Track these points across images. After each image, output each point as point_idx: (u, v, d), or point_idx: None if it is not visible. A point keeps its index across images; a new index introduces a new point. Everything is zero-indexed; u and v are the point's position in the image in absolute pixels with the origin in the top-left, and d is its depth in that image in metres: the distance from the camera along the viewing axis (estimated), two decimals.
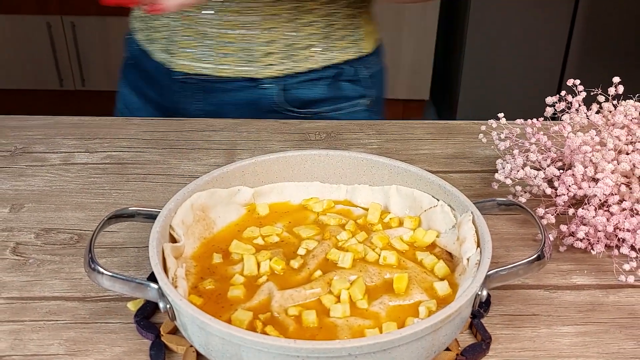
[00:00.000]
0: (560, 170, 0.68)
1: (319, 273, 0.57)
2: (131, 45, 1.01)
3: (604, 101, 0.71)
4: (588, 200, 0.65)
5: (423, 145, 0.87)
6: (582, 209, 0.64)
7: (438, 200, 0.63)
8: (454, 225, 0.60)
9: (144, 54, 0.98)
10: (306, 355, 0.46)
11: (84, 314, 0.59)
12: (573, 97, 0.71)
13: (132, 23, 1.00)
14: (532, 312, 0.60)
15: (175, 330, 0.56)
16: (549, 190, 0.68)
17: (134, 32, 0.99)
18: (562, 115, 0.72)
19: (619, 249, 0.64)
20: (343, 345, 0.46)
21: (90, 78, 2.63)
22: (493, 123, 0.75)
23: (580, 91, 0.71)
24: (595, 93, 0.70)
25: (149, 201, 0.74)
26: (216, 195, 0.63)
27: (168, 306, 0.51)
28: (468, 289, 0.50)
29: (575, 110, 0.71)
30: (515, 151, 0.72)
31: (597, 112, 0.71)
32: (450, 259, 0.60)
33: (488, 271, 0.52)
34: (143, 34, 0.97)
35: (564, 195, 0.66)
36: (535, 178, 0.68)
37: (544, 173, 0.68)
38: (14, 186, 0.76)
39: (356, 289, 0.54)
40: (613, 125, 0.69)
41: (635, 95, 0.71)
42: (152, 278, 0.53)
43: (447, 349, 0.55)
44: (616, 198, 0.64)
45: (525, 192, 0.71)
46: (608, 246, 0.66)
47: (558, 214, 0.68)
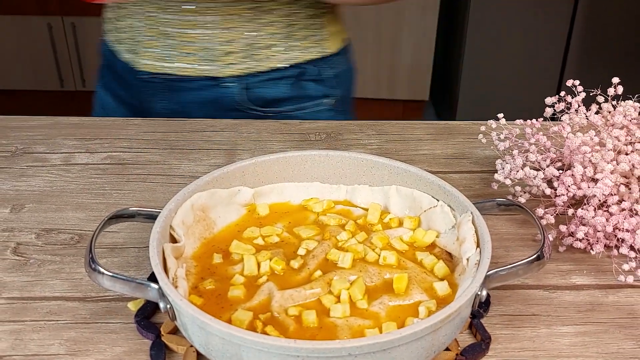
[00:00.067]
0: (560, 171, 0.69)
1: (319, 273, 0.57)
2: (104, 47, 1.02)
3: (604, 102, 0.71)
4: (587, 200, 0.65)
5: (423, 146, 0.87)
6: (582, 209, 0.65)
7: (438, 200, 0.63)
8: (454, 226, 0.61)
9: (113, 54, 0.99)
10: (306, 355, 0.46)
11: (84, 314, 0.59)
12: (572, 98, 0.72)
13: (104, 25, 1.02)
14: (532, 312, 0.60)
15: (175, 330, 0.57)
16: (548, 191, 0.68)
17: (105, 34, 1.01)
18: (562, 115, 0.72)
19: (618, 249, 0.65)
20: (343, 345, 0.46)
21: (90, 79, 2.63)
22: (492, 123, 0.75)
23: (580, 92, 0.71)
24: (594, 93, 0.70)
25: (149, 201, 0.75)
26: (216, 196, 0.63)
27: (168, 306, 0.51)
28: (468, 289, 0.51)
29: (575, 110, 0.71)
30: (515, 151, 0.72)
31: (597, 113, 0.71)
32: (450, 259, 0.60)
33: (488, 271, 0.52)
34: (112, 35, 0.99)
35: (564, 195, 0.66)
36: (534, 178, 0.68)
37: (544, 173, 0.68)
38: (15, 186, 0.77)
39: (356, 289, 0.55)
40: (612, 125, 0.69)
41: (634, 96, 0.71)
42: (153, 278, 0.54)
43: (447, 349, 0.55)
44: (615, 198, 0.64)
45: (525, 193, 0.72)
46: (607, 246, 0.66)
47: (557, 214, 0.68)
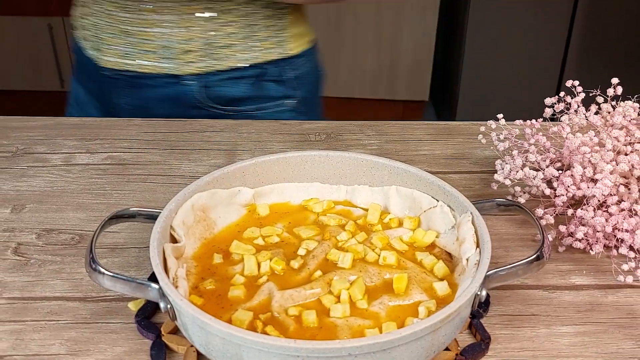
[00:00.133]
0: (559, 171, 0.69)
1: (319, 273, 0.57)
2: (73, 43, 1.04)
3: (603, 102, 0.71)
4: (587, 200, 0.65)
5: (422, 146, 0.87)
6: (581, 209, 0.65)
7: (437, 200, 0.63)
8: (454, 226, 0.61)
9: (81, 50, 1.01)
10: (306, 355, 0.46)
11: (85, 314, 0.59)
12: (572, 98, 0.72)
13: (73, 22, 1.03)
14: (531, 312, 0.60)
15: (175, 330, 0.57)
16: (548, 191, 0.68)
17: (74, 30, 1.03)
18: (561, 116, 0.72)
19: (617, 249, 0.65)
20: (343, 345, 0.46)
21: None
22: (492, 124, 0.75)
23: (579, 92, 0.71)
24: (594, 94, 0.70)
25: (149, 202, 0.75)
26: (217, 196, 0.63)
27: (169, 306, 0.51)
28: (467, 289, 0.51)
29: (574, 111, 0.72)
30: (515, 152, 0.72)
31: (596, 113, 0.72)
32: (449, 259, 0.60)
33: (487, 271, 0.53)
34: (78, 32, 1.00)
35: (563, 195, 0.66)
36: (534, 179, 0.68)
37: (543, 174, 0.68)
38: (16, 187, 0.77)
39: (356, 289, 0.55)
40: (612, 126, 0.69)
41: (634, 96, 0.71)
42: (153, 278, 0.54)
43: (447, 349, 0.55)
44: (615, 198, 0.64)
45: (525, 193, 0.72)
46: (607, 246, 0.66)
47: (557, 215, 0.69)
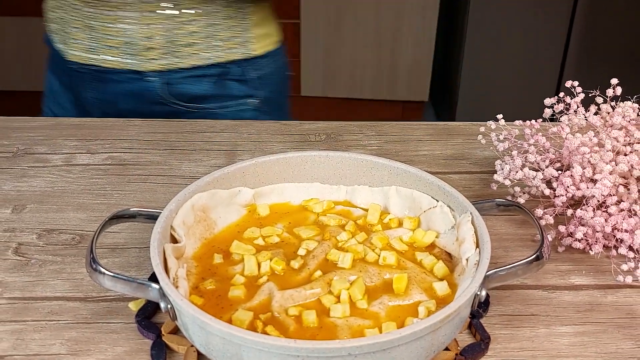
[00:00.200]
0: (559, 171, 0.69)
1: (319, 273, 0.57)
2: (45, 36, 1.05)
3: (602, 102, 0.71)
4: (586, 201, 0.65)
5: (422, 147, 0.87)
6: (581, 209, 0.65)
7: (437, 201, 0.63)
8: (453, 226, 0.61)
9: (51, 42, 1.02)
10: (306, 355, 0.46)
11: (85, 314, 0.59)
12: (571, 99, 0.72)
13: (44, 13, 1.04)
14: (531, 312, 0.60)
15: (176, 330, 0.57)
16: (547, 191, 0.68)
17: (45, 22, 1.04)
18: (561, 116, 0.72)
19: (617, 250, 0.65)
20: (343, 345, 0.46)
21: None
22: (492, 124, 0.75)
23: (579, 92, 0.72)
24: (593, 94, 0.71)
25: (150, 202, 0.75)
26: (217, 196, 0.63)
27: (169, 306, 0.52)
28: (467, 289, 0.51)
29: (574, 111, 0.72)
30: (514, 152, 0.72)
31: (596, 114, 0.72)
32: (449, 259, 0.60)
33: (487, 271, 0.53)
34: (48, 26, 1.01)
35: (563, 196, 0.66)
36: (533, 179, 0.68)
37: (543, 174, 0.68)
38: (16, 187, 0.77)
39: (356, 289, 0.55)
40: (611, 126, 0.69)
41: (633, 97, 0.71)
42: (153, 278, 0.54)
43: (447, 349, 0.55)
44: (614, 199, 0.64)
45: (524, 193, 0.72)
46: (606, 247, 0.66)
47: (557, 215, 0.69)
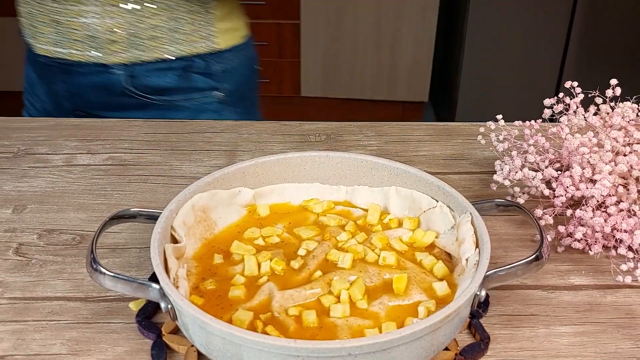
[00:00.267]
0: (558, 172, 0.69)
1: (319, 273, 0.57)
2: (20, 28, 1.06)
3: (602, 103, 0.71)
4: (586, 201, 0.65)
5: (422, 147, 0.87)
6: (580, 210, 0.65)
7: (437, 201, 0.64)
8: (453, 226, 0.61)
9: (23, 36, 1.03)
10: (306, 355, 0.46)
11: (86, 314, 0.59)
12: (571, 99, 0.72)
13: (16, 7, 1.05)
14: (531, 312, 0.60)
15: (176, 330, 0.57)
16: (547, 192, 0.68)
17: (18, 16, 1.05)
18: (560, 117, 0.72)
19: (616, 250, 0.65)
20: (343, 345, 0.46)
21: None
22: (492, 125, 0.76)
23: (578, 93, 0.72)
24: (593, 95, 0.71)
25: (150, 202, 0.75)
26: (217, 196, 0.63)
27: (169, 306, 0.52)
28: (467, 289, 0.51)
29: (573, 112, 0.72)
30: (514, 152, 0.72)
31: (595, 114, 0.72)
32: (449, 259, 0.60)
33: (487, 271, 0.53)
34: (20, 20, 1.03)
35: (562, 196, 0.66)
36: (533, 179, 0.68)
37: (542, 174, 0.68)
38: (17, 187, 0.77)
39: (356, 289, 0.55)
40: (610, 126, 0.70)
41: (632, 97, 0.72)
42: (154, 278, 0.54)
43: (446, 349, 0.55)
44: (614, 199, 0.64)
45: (524, 193, 0.72)
46: (606, 247, 0.67)
47: (556, 215, 0.69)
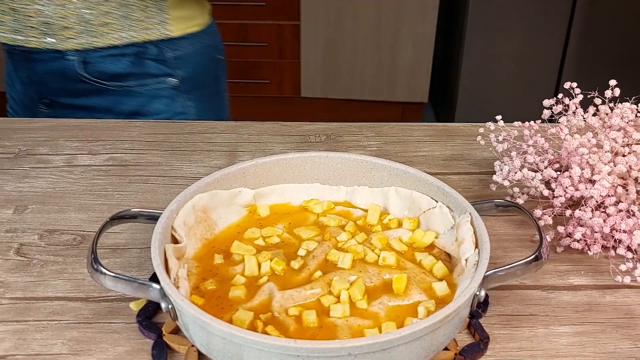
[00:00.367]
0: (558, 172, 0.69)
1: (319, 273, 0.57)
2: None
3: (601, 104, 0.72)
4: (585, 201, 0.66)
5: (422, 147, 0.87)
6: (579, 210, 0.65)
7: (437, 201, 0.64)
8: (453, 227, 0.61)
9: None
10: (306, 354, 0.46)
11: (86, 314, 0.59)
12: (570, 100, 0.72)
13: None
14: (530, 312, 0.61)
15: (177, 330, 0.57)
16: (546, 192, 0.68)
17: None
18: (560, 117, 0.73)
19: (615, 250, 0.65)
20: (343, 345, 0.46)
21: None
22: (491, 125, 0.76)
23: (577, 94, 0.72)
24: (592, 96, 0.71)
25: (151, 202, 0.75)
26: (217, 197, 0.64)
27: (170, 306, 0.52)
28: (466, 290, 0.51)
29: (572, 112, 0.72)
30: (513, 153, 0.72)
31: (594, 115, 0.72)
32: (448, 259, 0.60)
33: (486, 272, 0.53)
34: None
35: (561, 196, 0.67)
36: (532, 180, 0.69)
37: (542, 175, 0.68)
38: (18, 188, 0.77)
39: (356, 289, 0.55)
40: (610, 127, 0.70)
41: (631, 98, 0.72)
42: (154, 278, 0.54)
43: (446, 349, 0.55)
44: (613, 199, 0.65)
45: (523, 194, 0.72)
46: (605, 247, 0.67)
47: (555, 215, 0.69)
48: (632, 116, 0.69)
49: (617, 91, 0.70)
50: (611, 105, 0.72)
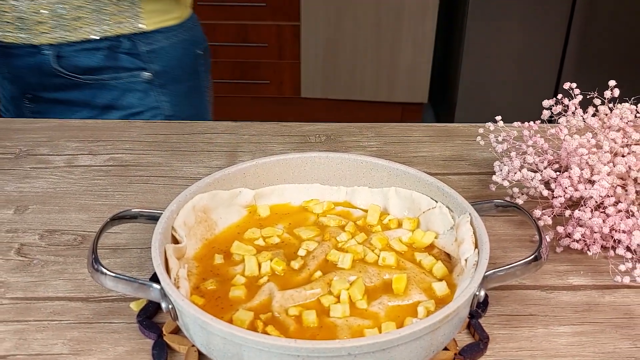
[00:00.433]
0: (557, 173, 0.69)
1: (319, 274, 0.57)
2: None
3: (600, 104, 0.72)
4: (584, 202, 0.66)
5: (422, 148, 0.87)
6: (579, 210, 0.65)
7: (436, 201, 0.64)
8: (452, 227, 0.61)
9: None
10: (306, 354, 0.46)
11: (87, 314, 0.60)
12: (569, 100, 0.72)
13: None
14: (529, 312, 0.61)
15: (177, 330, 0.57)
16: (545, 192, 0.68)
17: None
18: (559, 118, 0.73)
19: (614, 250, 0.65)
20: (342, 345, 0.46)
21: None
22: (491, 126, 0.76)
23: (577, 94, 0.72)
24: (591, 96, 0.71)
25: (151, 203, 0.75)
26: (218, 197, 0.64)
27: (170, 306, 0.52)
28: (466, 290, 0.51)
29: (572, 113, 0.72)
30: (513, 153, 0.73)
31: (593, 115, 0.72)
32: (448, 259, 0.60)
33: (486, 272, 0.53)
34: None
35: (561, 197, 0.67)
36: (532, 180, 0.69)
37: (541, 175, 0.69)
38: (19, 188, 0.77)
39: (356, 289, 0.55)
40: (609, 128, 0.70)
41: (631, 99, 0.72)
42: (155, 279, 0.54)
43: (446, 349, 0.56)
44: (612, 200, 0.65)
45: (523, 194, 0.72)
46: (604, 247, 0.67)
47: (555, 216, 0.69)
48: (632, 117, 0.69)
49: (617, 92, 0.71)
50: (610, 105, 0.72)
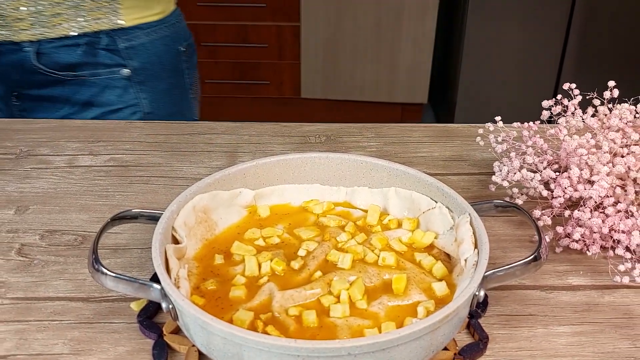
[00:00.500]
0: (557, 173, 0.69)
1: (319, 274, 0.57)
2: None
3: (600, 105, 0.72)
4: (584, 202, 0.66)
5: (421, 148, 0.87)
6: (578, 210, 0.65)
7: (436, 202, 0.64)
8: (452, 227, 0.61)
9: None
10: (306, 354, 0.46)
11: (87, 314, 0.60)
12: (569, 101, 0.72)
13: None
14: (529, 312, 0.61)
15: (177, 330, 0.57)
16: (545, 193, 0.68)
17: None
18: (558, 118, 0.73)
19: (614, 250, 0.65)
20: (342, 345, 0.46)
21: None
22: (490, 126, 0.76)
23: (576, 95, 0.72)
24: (590, 97, 0.71)
25: (151, 203, 0.75)
26: (218, 197, 0.64)
27: (170, 306, 0.52)
28: (466, 290, 0.51)
29: (571, 113, 0.72)
30: (512, 154, 0.73)
31: (593, 116, 0.72)
32: (448, 260, 0.61)
33: (485, 272, 0.53)
34: None
35: (560, 197, 0.67)
36: (531, 180, 0.69)
37: (541, 175, 0.69)
38: (19, 188, 0.77)
39: (355, 289, 0.55)
40: (608, 128, 0.70)
41: (630, 99, 0.72)
42: (155, 279, 0.54)
43: (445, 349, 0.56)
44: (611, 200, 0.65)
45: (522, 194, 0.72)
46: (603, 247, 0.67)
47: (554, 216, 0.69)
48: (631, 117, 0.70)
49: (616, 92, 0.71)
50: (610, 106, 0.72)
